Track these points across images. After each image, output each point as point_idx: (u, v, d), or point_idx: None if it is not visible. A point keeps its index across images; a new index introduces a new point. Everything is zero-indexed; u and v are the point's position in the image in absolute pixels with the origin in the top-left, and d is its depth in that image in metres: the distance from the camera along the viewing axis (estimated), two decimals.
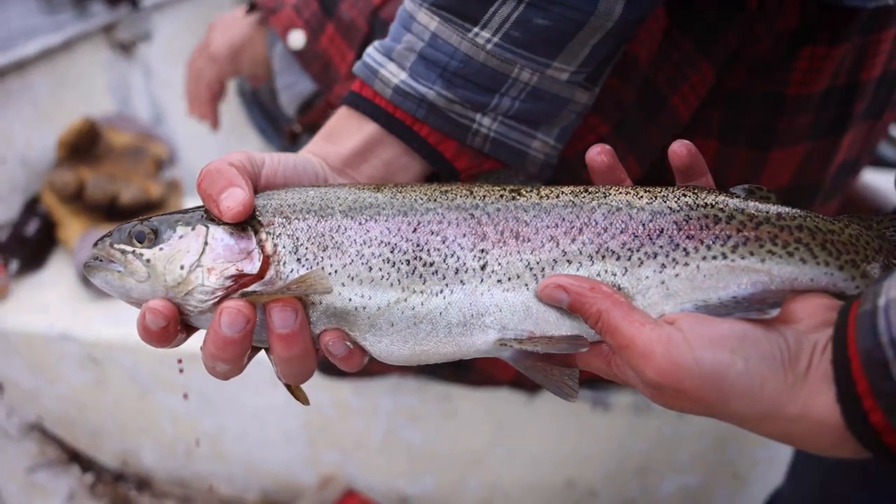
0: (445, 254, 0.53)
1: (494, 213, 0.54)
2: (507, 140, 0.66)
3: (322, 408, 1.30)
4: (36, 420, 1.45)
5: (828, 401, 0.44)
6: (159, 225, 0.54)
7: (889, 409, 0.40)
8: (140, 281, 0.53)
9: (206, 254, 0.53)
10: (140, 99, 2.01)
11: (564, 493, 1.36)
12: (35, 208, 1.51)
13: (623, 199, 0.54)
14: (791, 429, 0.45)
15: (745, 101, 0.77)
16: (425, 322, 0.53)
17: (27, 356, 1.35)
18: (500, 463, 1.33)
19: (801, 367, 0.45)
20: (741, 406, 0.45)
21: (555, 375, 0.53)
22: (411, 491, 1.39)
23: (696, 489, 1.34)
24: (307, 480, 1.40)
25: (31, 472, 1.40)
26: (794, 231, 0.53)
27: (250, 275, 0.52)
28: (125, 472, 1.50)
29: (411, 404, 1.27)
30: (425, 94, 0.63)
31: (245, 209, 0.53)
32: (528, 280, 0.53)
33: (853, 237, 0.54)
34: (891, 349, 0.40)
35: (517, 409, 1.25)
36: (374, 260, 0.53)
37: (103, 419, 1.42)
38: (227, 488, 1.46)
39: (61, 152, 1.53)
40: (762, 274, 0.51)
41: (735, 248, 0.52)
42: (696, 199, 0.54)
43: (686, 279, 0.52)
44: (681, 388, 0.45)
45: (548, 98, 0.65)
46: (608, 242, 0.53)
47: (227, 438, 1.39)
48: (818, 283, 0.52)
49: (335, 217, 0.54)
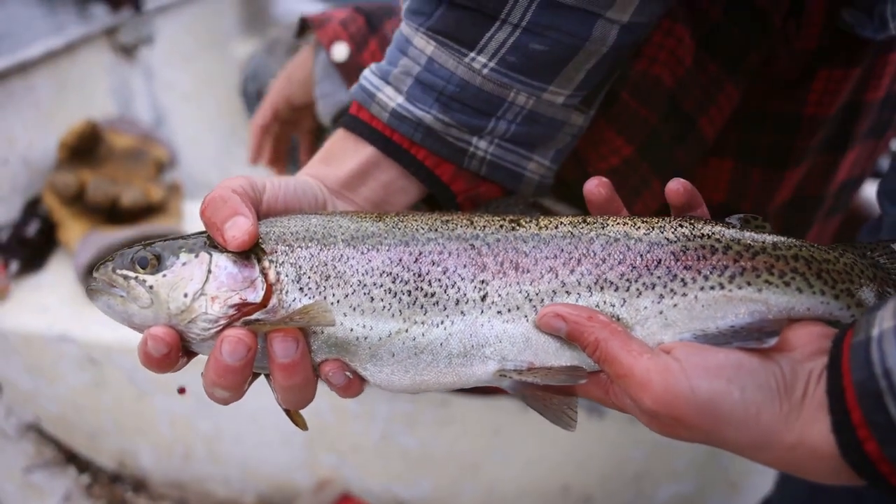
0: (446, 284, 0.53)
1: (494, 244, 0.55)
2: (504, 163, 0.67)
3: (319, 411, 1.30)
4: (34, 420, 1.45)
5: (823, 430, 0.44)
6: (162, 251, 0.54)
7: (883, 440, 0.41)
8: (143, 307, 0.53)
9: (209, 282, 0.53)
10: (141, 102, 2.02)
11: (560, 498, 1.37)
12: (36, 209, 1.51)
13: (621, 229, 0.55)
14: (787, 457, 0.46)
15: (763, 122, 0.78)
16: (426, 353, 0.53)
17: (26, 357, 1.35)
18: (496, 468, 1.34)
19: (796, 396, 0.46)
20: (737, 434, 0.46)
21: (554, 405, 0.54)
22: (407, 495, 1.40)
23: (691, 496, 1.35)
24: (304, 483, 1.40)
25: (28, 473, 1.40)
26: (790, 261, 0.53)
27: (253, 303, 0.52)
28: (122, 474, 1.50)
29: (408, 410, 1.27)
30: (422, 118, 0.64)
31: (250, 238, 0.53)
32: (528, 311, 0.53)
33: (848, 266, 0.54)
34: (884, 380, 0.40)
35: (513, 416, 1.25)
36: (375, 290, 0.53)
37: (101, 420, 1.42)
38: (223, 491, 1.47)
39: (62, 154, 1.54)
40: (759, 304, 0.52)
41: (732, 278, 0.52)
42: (692, 230, 0.55)
43: (684, 309, 0.52)
44: (677, 416, 0.46)
45: (544, 121, 0.65)
46: (606, 273, 0.53)
47: (224, 441, 1.39)
48: (815, 311, 0.52)
49: (337, 246, 0.54)
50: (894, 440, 0.40)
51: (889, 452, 0.41)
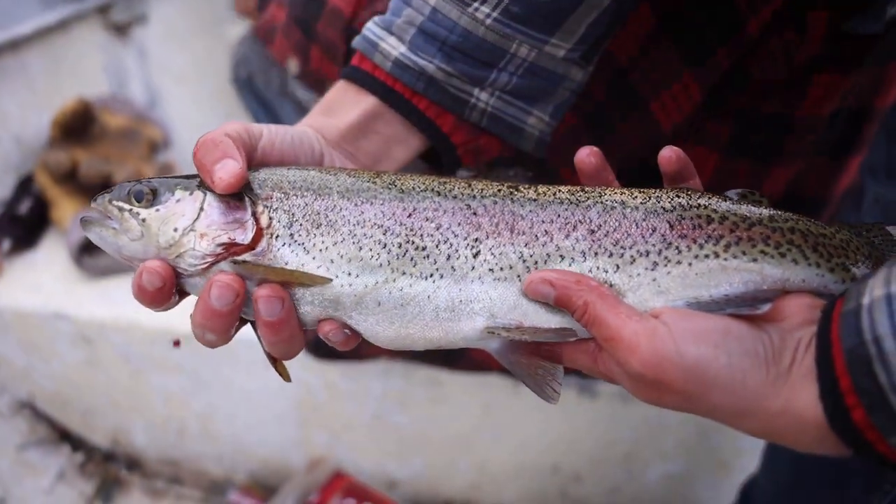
0: (439, 240, 0.54)
1: (491, 206, 0.55)
2: (504, 115, 0.67)
3: (312, 390, 1.31)
4: (28, 398, 1.46)
5: (810, 397, 0.44)
6: (158, 186, 0.55)
7: (871, 406, 0.41)
8: (133, 239, 0.54)
9: (200, 219, 0.53)
10: (135, 82, 2.01)
11: (550, 477, 1.38)
12: (29, 188, 1.51)
13: (618, 198, 0.55)
14: (773, 424, 0.46)
15: (755, 120, 0.78)
16: (412, 304, 0.53)
17: (20, 334, 1.35)
18: (488, 447, 1.35)
19: (784, 364, 0.46)
20: (723, 399, 0.46)
21: (539, 375, 0.54)
22: (399, 474, 1.41)
23: (680, 476, 1.36)
24: (296, 462, 1.41)
25: (22, 450, 1.41)
26: (786, 233, 0.54)
27: (241, 244, 0.53)
28: (116, 452, 1.51)
29: (400, 388, 1.28)
30: (424, 68, 0.64)
31: (237, 181, 0.53)
32: (521, 271, 0.53)
33: (844, 242, 0.55)
34: (874, 347, 0.41)
35: (505, 395, 1.26)
36: (365, 240, 0.54)
37: (95, 398, 1.43)
38: (217, 469, 1.48)
39: (55, 132, 1.53)
40: (754, 274, 0.52)
41: (727, 247, 0.53)
42: (689, 200, 0.55)
43: (678, 277, 0.53)
44: (664, 380, 0.46)
45: (544, 74, 0.66)
46: (601, 240, 0.54)
47: (217, 419, 1.40)
48: (809, 284, 0.53)
49: (332, 197, 0.55)
50: (882, 406, 0.41)
51: (876, 419, 0.41)
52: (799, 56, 0.72)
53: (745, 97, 0.76)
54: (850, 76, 0.73)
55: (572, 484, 1.39)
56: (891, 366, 0.40)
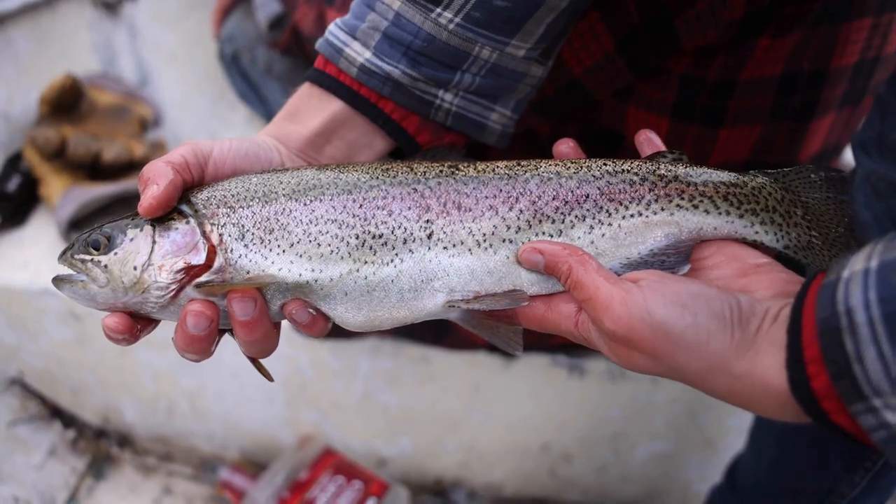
0: (393, 226, 0.57)
1: (436, 187, 0.58)
2: (468, 113, 0.69)
3: (301, 368, 1.31)
4: (17, 375, 1.46)
5: (773, 363, 0.46)
6: (111, 231, 0.57)
7: (836, 374, 0.42)
8: (102, 286, 0.56)
9: (154, 252, 0.56)
10: (125, 59, 1.99)
11: (540, 456, 1.39)
12: (17, 165, 1.50)
13: (553, 169, 0.60)
14: (735, 386, 0.47)
15: (698, 85, 0.80)
16: (378, 290, 0.56)
17: (8, 311, 1.35)
18: (477, 426, 1.35)
19: (750, 329, 0.48)
20: (688, 358, 0.48)
21: (501, 332, 0.58)
22: (388, 452, 1.42)
23: (668, 455, 1.37)
24: (286, 440, 1.42)
25: (13, 427, 1.41)
26: (699, 186, 0.59)
27: (198, 265, 0.55)
28: (106, 429, 1.52)
29: (389, 366, 1.28)
30: (390, 73, 0.65)
31: (157, 203, 0.55)
32: (472, 245, 0.57)
33: (756, 189, 0.60)
34: (845, 318, 0.42)
35: (494, 373, 1.26)
36: (322, 237, 0.56)
37: (84, 375, 1.43)
38: (207, 446, 1.48)
39: (43, 109, 1.52)
40: (673, 226, 0.58)
41: (648, 205, 0.59)
42: (614, 167, 0.60)
43: (611, 238, 0.58)
44: (633, 337, 0.49)
45: (506, 74, 0.68)
46: (543, 208, 0.58)
47: (206, 397, 1.41)
48: (721, 231, 0.59)
49: (279, 201, 0.57)
50: (846, 374, 0.42)
51: (841, 387, 0.42)
52: (728, 17, 0.73)
53: (684, 62, 0.79)
54: (790, 38, 0.74)
55: (562, 463, 1.39)
56: (859, 336, 0.41)
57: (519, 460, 1.40)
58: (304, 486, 1.27)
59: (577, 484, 1.43)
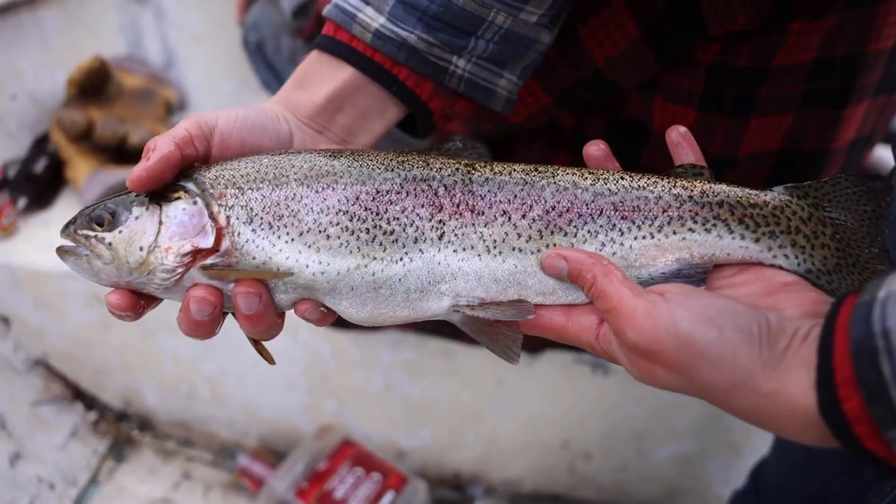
0: (405, 223, 0.56)
1: (451, 186, 0.57)
2: (478, 80, 0.69)
3: (322, 358, 1.31)
4: (41, 356, 1.47)
5: (802, 384, 0.44)
6: (116, 207, 0.56)
7: (871, 398, 0.40)
8: (106, 264, 0.55)
9: (161, 234, 0.54)
10: (152, 41, 1.99)
11: (559, 452, 1.38)
12: (44, 146, 1.50)
13: (570, 179, 0.58)
14: (761, 405, 0.46)
15: (727, 74, 0.77)
16: (385, 287, 0.55)
17: (34, 292, 1.36)
18: (498, 420, 1.34)
19: (778, 347, 0.46)
20: (712, 373, 0.46)
21: (500, 340, 0.56)
22: (408, 444, 1.41)
23: (690, 456, 1.35)
24: (305, 428, 1.42)
25: (36, 406, 1.43)
26: (714, 208, 0.57)
27: (206, 248, 0.54)
28: (128, 412, 1.53)
29: (411, 359, 1.27)
30: (406, 38, 0.64)
31: (148, 175, 0.54)
32: (481, 251, 0.56)
33: (777, 208, 0.57)
34: (882, 340, 0.40)
35: (517, 369, 1.25)
36: (332, 228, 0.55)
37: (107, 358, 1.44)
38: (227, 432, 1.49)
39: (71, 91, 1.52)
40: (684, 251, 0.56)
41: (661, 227, 0.57)
42: (631, 182, 0.58)
43: (621, 258, 0.56)
44: (656, 349, 0.47)
45: (517, 39, 0.67)
46: (556, 220, 0.57)
47: (227, 383, 1.41)
48: (734, 256, 0.56)
49: (290, 185, 0.56)
50: (881, 400, 0.40)
51: (875, 412, 0.41)
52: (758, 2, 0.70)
53: (712, 50, 0.76)
54: (823, 21, 0.72)
55: (581, 460, 1.38)
56: None
57: (538, 456, 1.39)
58: (323, 476, 1.27)
59: (596, 482, 1.41)
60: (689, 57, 0.78)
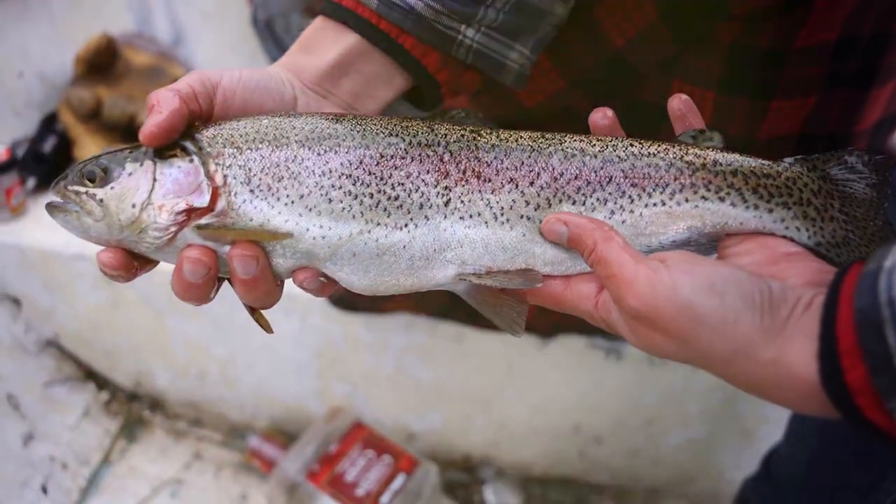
0: (410, 189, 0.54)
1: (457, 152, 0.56)
2: (488, 51, 0.66)
3: (333, 341, 1.30)
4: (53, 337, 1.48)
5: (803, 353, 0.44)
6: (108, 163, 0.54)
7: (875, 368, 0.40)
8: (97, 220, 0.52)
9: (155, 190, 0.52)
10: (160, 18, 1.96)
11: (570, 437, 1.37)
12: (52, 125, 1.49)
13: (578, 145, 0.57)
14: (760, 373, 0.45)
15: (748, 55, 0.75)
16: (388, 254, 0.54)
17: (43, 273, 1.35)
18: (509, 405, 1.34)
19: (780, 315, 0.45)
20: (713, 339, 0.45)
21: (504, 310, 0.55)
22: (418, 427, 1.41)
23: (703, 442, 1.34)
24: (316, 411, 1.42)
25: (49, 387, 1.43)
26: (727, 176, 0.56)
27: (201, 208, 0.52)
28: (139, 392, 1.53)
29: (423, 342, 1.27)
30: (413, 5, 0.61)
31: (160, 131, 0.52)
32: (488, 218, 0.55)
33: (790, 180, 0.56)
34: (888, 309, 0.39)
35: (528, 354, 1.24)
36: (334, 192, 0.53)
37: (118, 339, 1.44)
38: (237, 414, 1.49)
39: (79, 69, 1.51)
40: (696, 219, 0.55)
41: (672, 194, 0.56)
42: (641, 149, 0.57)
43: (631, 225, 0.55)
44: (657, 316, 0.46)
45: (529, 10, 0.65)
46: (564, 187, 0.55)
47: (237, 365, 1.41)
48: (747, 225, 0.55)
49: (291, 147, 0.54)
50: (886, 370, 0.39)
51: (879, 382, 0.40)
52: None
53: (732, 30, 0.73)
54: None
55: (592, 445, 1.38)
56: None
57: (549, 440, 1.39)
58: (334, 458, 1.27)
59: (607, 466, 1.41)
60: (709, 37, 0.75)
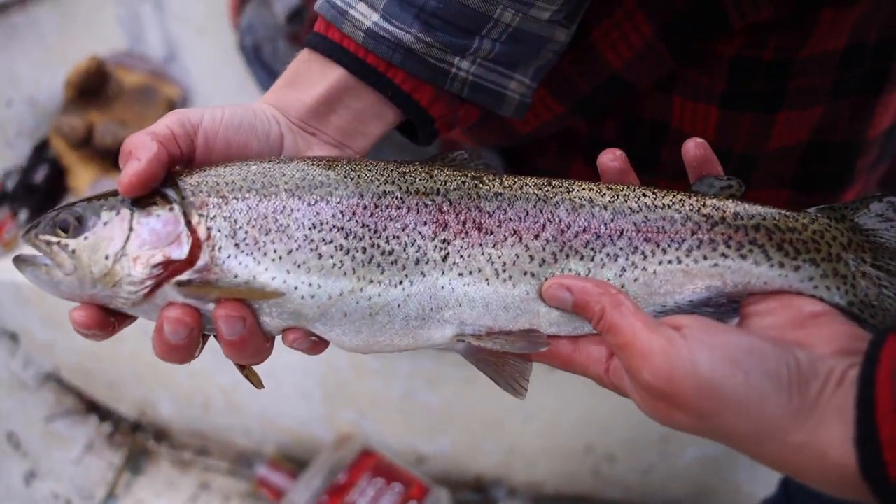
0: (406, 242, 0.50)
1: (457, 201, 0.52)
2: (486, 83, 0.63)
3: (339, 367, 1.28)
4: (52, 370, 1.45)
5: (839, 438, 0.40)
6: (83, 211, 0.50)
7: None
8: (67, 274, 0.49)
9: (130, 241, 0.49)
10: (152, 34, 1.93)
11: (583, 457, 1.35)
12: (44, 153, 1.47)
13: (586, 195, 0.53)
14: (793, 459, 0.42)
15: (752, 68, 0.72)
16: (382, 314, 0.50)
17: (40, 308, 1.33)
18: (519, 426, 1.31)
19: (810, 393, 0.42)
20: (736, 422, 0.42)
21: (506, 372, 0.52)
22: (428, 450, 1.39)
23: (717, 459, 1.32)
24: (323, 437, 1.40)
25: (50, 422, 1.41)
26: (749, 231, 0.52)
27: (178, 261, 0.48)
28: (143, 423, 1.51)
29: (430, 368, 1.24)
30: (401, 38, 0.58)
31: (139, 180, 0.48)
32: (489, 274, 0.51)
33: (817, 233, 0.52)
34: None
35: (538, 375, 1.19)
36: (324, 246, 0.49)
37: (120, 370, 1.41)
38: (244, 441, 1.47)
39: (69, 93, 1.48)
40: (716, 278, 0.51)
41: (689, 251, 0.51)
42: (654, 199, 0.53)
43: (644, 284, 0.51)
44: (674, 392, 0.43)
45: (528, 39, 0.61)
46: (571, 241, 0.52)
47: (242, 393, 1.38)
48: (772, 285, 0.51)
49: (280, 196, 0.50)
50: None
51: None
52: None
53: (734, 44, 0.70)
54: (856, 7, 0.66)
55: (605, 463, 1.35)
56: None
57: (561, 460, 1.36)
58: (344, 488, 1.25)
59: (621, 482, 1.39)
60: (709, 51, 0.72)
